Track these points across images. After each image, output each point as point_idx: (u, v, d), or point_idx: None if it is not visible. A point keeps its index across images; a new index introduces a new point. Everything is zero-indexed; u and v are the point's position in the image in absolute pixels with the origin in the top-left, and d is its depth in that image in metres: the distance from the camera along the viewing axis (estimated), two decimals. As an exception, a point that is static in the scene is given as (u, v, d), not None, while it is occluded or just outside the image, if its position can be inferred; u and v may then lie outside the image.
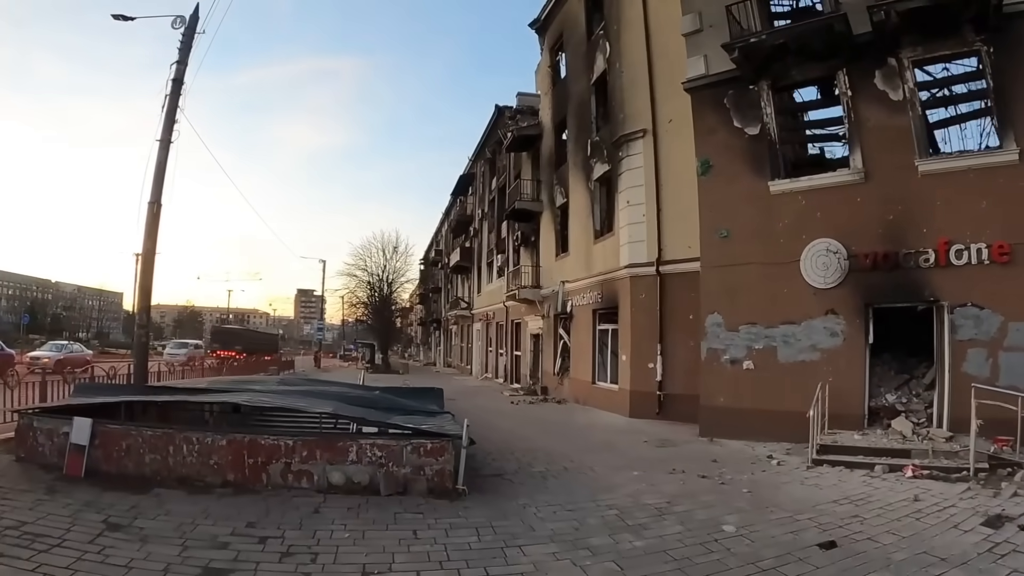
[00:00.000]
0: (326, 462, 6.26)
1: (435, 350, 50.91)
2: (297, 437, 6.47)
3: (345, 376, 31.98)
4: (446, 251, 45.67)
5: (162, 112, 11.47)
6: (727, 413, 10.37)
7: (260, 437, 6.45)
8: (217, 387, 10.57)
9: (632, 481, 7.16)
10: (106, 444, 6.46)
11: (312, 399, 8.07)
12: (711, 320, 10.68)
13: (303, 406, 7.53)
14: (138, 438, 6.48)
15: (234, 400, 7.79)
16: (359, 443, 6.36)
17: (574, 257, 17.30)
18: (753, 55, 10.06)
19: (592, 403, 15.40)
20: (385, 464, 6.27)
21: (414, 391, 10.63)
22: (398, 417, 7.58)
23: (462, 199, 37.22)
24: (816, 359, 9.83)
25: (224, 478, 6.24)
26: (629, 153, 13.59)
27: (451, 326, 41.67)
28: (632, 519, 5.57)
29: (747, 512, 5.84)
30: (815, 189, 10.12)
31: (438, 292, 49.80)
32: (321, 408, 7.45)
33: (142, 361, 12.10)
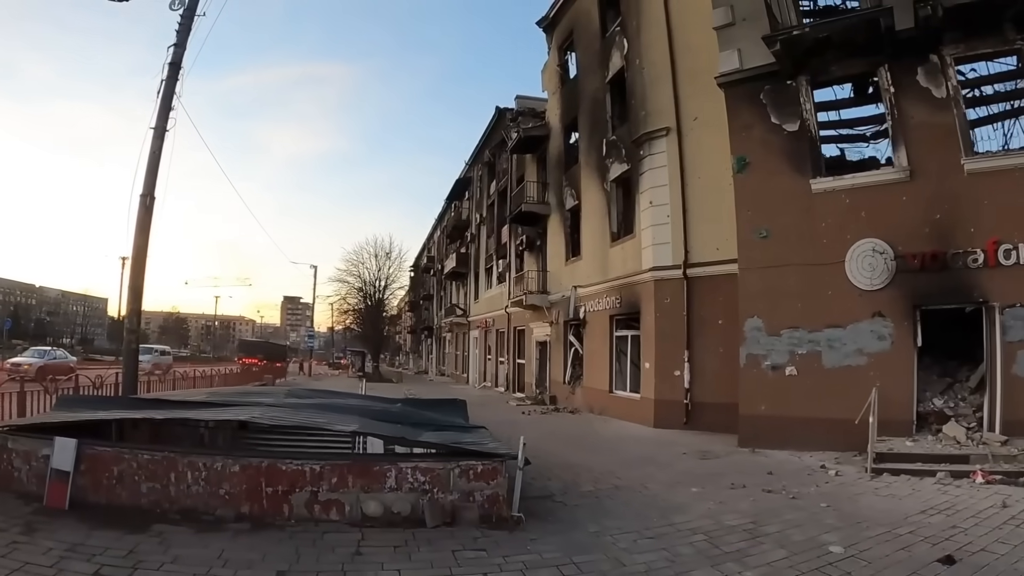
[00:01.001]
0: (360, 489, 5.34)
1: (427, 358, 49.85)
2: (324, 460, 5.47)
3: (340, 385, 30.90)
4: (439, 257, 44.85)
5: (157, 98, 10.55)
6: (768, 422, 9.75)
7: (280, 461, 5.45)
8: (219, 400, 9.28)
9: (697, 499, 6.52)
10: (94, 470, 5.44)
11: (331, 414, 7.11)
12: (750, 324, 10.01)
13: (324, 423, 6.54)
14: (132, 463, 5.44)
15: (245, 417, 6.67)
16: (399, 467, 5.42)
17: (587, 261, 16.55)
18: (794, 48, 9.53)
19: (610, 413, 14.62)
20: (429, 491, 5.39)
21: (435, 403, 9.71)
22: (429, 434, 6.71)
23: (457, 204, 36.45)
24: (863, 364, 9.29)
25: (238, 510, 5.27)
26: (651, 152, 12.91)
27: (445, 334, 40.74)
28: (726, 545, 4.92)
29: (842, 529, 5.35)
30: (859, 188, 9.62)
31: (430, 299, 48.90)
32: (346, 425, 6.47)
33: (131, 370, 11.04)
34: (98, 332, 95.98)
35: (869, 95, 10.23)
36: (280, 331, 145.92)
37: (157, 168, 10.82)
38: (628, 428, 12.80)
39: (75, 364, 25.68)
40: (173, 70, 10.55)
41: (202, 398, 9.18)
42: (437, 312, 44.92)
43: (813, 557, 4.62)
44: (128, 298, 11.42)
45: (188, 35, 10.51)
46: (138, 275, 11.14)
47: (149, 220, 10.93)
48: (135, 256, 11.08)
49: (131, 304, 11.27)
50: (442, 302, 42.74)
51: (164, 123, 10.70)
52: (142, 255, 11.03)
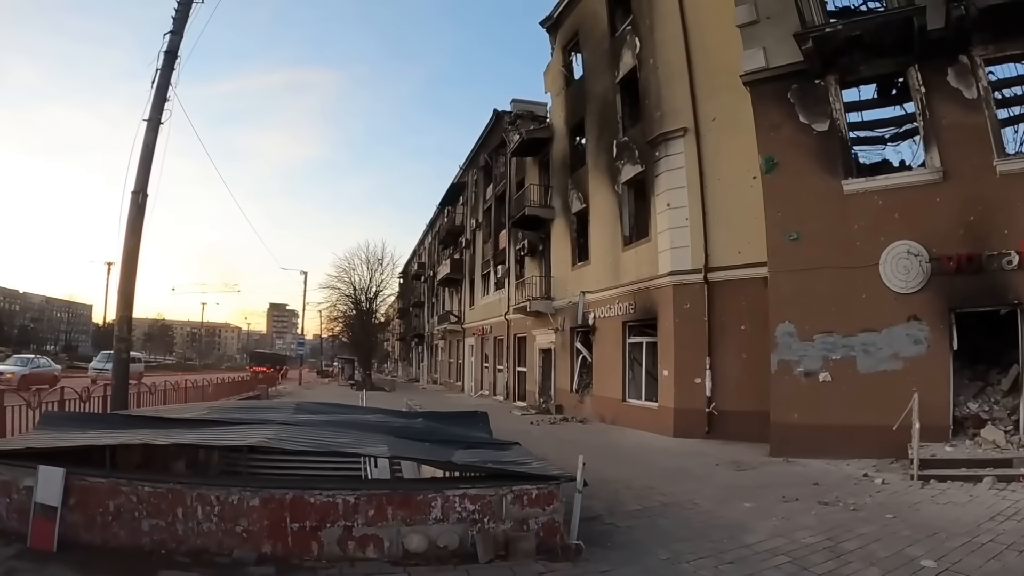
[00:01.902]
0: (401, 522, 4.79)
1: (418, 366, 49.16)
2: (360, 490, 4.91)
3: (333, 393, 30.26)
4: (430, 263, 44.35)
5: (152, 88, 10.03)
6: (801, 430, 9.54)
7: (308, 493, 4.83)
8: (222, 416, 8.21)
9: (755, 515, 6.25)
10: (86, 504, 4.74)
11: (353, 433, 6.55)
12: (782, 329, 9.79)
13: (352, 445, 5.96)
14: (132, 496, 4.73)
15: (257, 440, 5.75)
16: (445, 495, 4.92)
17: (596, 266, 16.23)
18: (825, 46, 9.43)
19: (623, 422, 14.29)
20: (479, 520, 4.90)
21: (456, 416, 9.24)
22: (462, 452, 6.22)
23: (450, 209, 36.02)
24: (899, 369, 9.16)
25: (259, 551, 4.67)
26: (668, 153, 12.66)
27: (437, 341, 40.17)
28: (815, 567, 4.67)
29: (922, 541, 5.19)
30: (892, 189, 9.53)
31: (421, 306, 48.35)
32: (375, 448, 5.87)
33: (122, 381, 10.53)
34: (82, 339, 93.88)
35: (896, 95, 10.18)
36: (266, 338, 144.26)
37: (151, 163, 10.32)
38: (647, 438, 12.45)
39: (60, 373, 24.63)
40: (169, 59, 10.10)
41: (202, 414, 8.42)
42: (429, 319, 44.33)
43: (909, 574, 4.45)
44: (118, 304, 10.77)
45: (185, 22, 10.12)
46: (129, 279, 10.62)
47: (141, 219, 10.39)
48: (125, 258, 10.53)
49: (121, 310, 10.63)
50: (434, 309, 42.18)
51: (159, 114, 10.24)
52: (133, 257, 10.50)
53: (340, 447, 5.98)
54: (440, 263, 37.56)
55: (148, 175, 10.26)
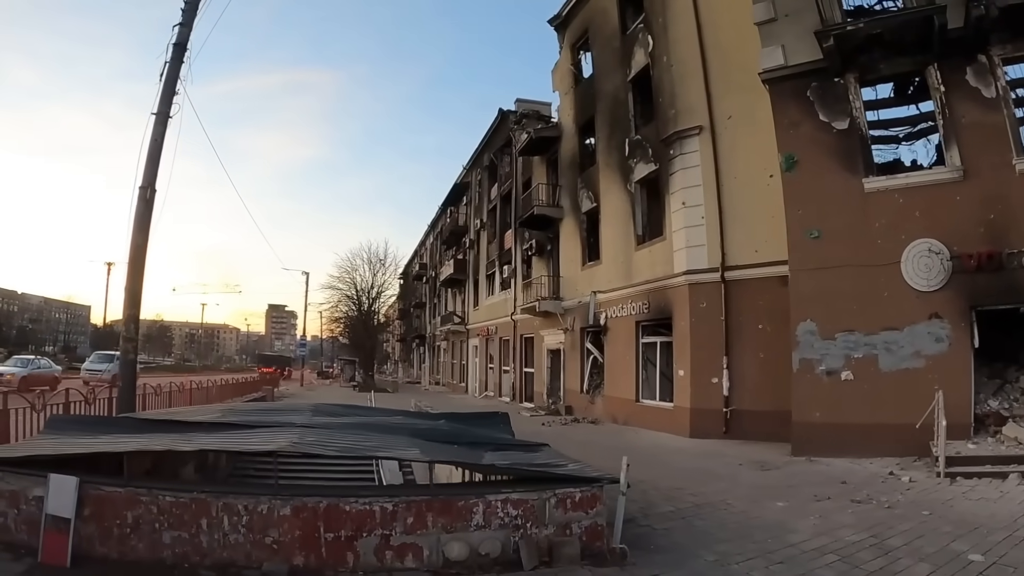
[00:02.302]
0: (441, 529, 4.67)
1: (419, 367, 49.10)
2: (398, 497, 4.77)
3: (337, 395, 30.16)
4: (432, 264, 44.33)
5: (160, 81, 9.89)
6: (823, 429, 9.58)
7: (343, 500, 4.65)
8: (239, 419, 7.70)
9: (792, 514, 6.27)
10: (102, 515, 4.47)
11: (381, 436, 6.46)
12: (803, 328, 9.84)
13: (381, 448, 5.81)
14: (152, 507, 4.48)
15: (286, 445, 5.35)
16: (487, 500, 4.79)
17: (608, 265, 16.22)
18: (846, 44, 9.51)
19: (636, 423, 14.27)
20: (522, 526, 4.79)
21: (477, 418, 9.21)
22: (492, 454, 6.17)
23: (453, 210, 35.95)
24: (920, 367, 9.23)
25: (290, 563, 4.47)
26: (683, 151, 12.66)
27: (440, 342, 40.14)
28: (865, 564, 4.71)
29: (964, 536, 5.30)
30: (912, 187, 9.62)
31: (422, 307, 48.29)
32: (408, 452, 5.69)
33: (129, 383, 10.25)
34: (80, 340, 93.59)
35: (914, 94, 10.26)
36: (265, 340, 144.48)
37: (159, 157, 10.16)
38: (663, 439, 12.44)
39: (60, 374, 24.43)
40: (178, 51, 9.99)
41: (216, 416, 8.14)
42: (431, 320, 44.29)
43: (959, 569, 4.50)
44: (124, 302, 10.55)
45: (195, 15, 9.98)
46: (136, 277, 10.30)
47: (149, 215, 10.18)
48: (133, 256, 10.24)
49: (128, 309, 10.41)
50: (436, 310, 42.14)
51: (167, 108, 10.09)
52: (141, 254, 10.23)
53: (372, 451, 5.91)
54: (443, 264, 37.51)
55: (156, 170, 10.10)
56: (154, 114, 10.17)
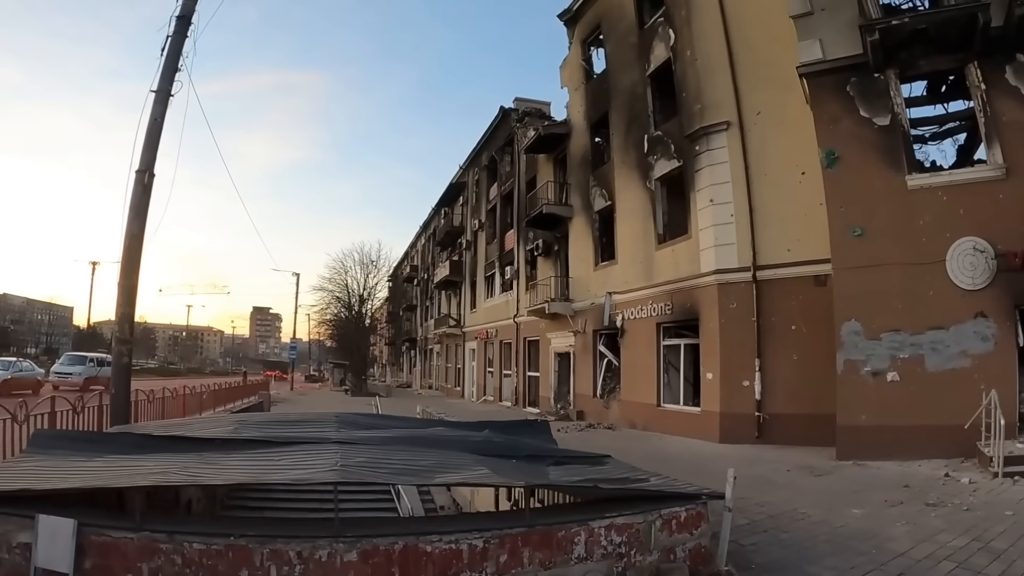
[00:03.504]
0: (539, 566, 4.06)
1: (410, 371, 48.59)
2: (489, 531, 4.03)
3: (329, 400, 29.68)
4: (424, 266, 43.94)
5: (161, 56, 9.44)
6: (869, 432, 9.57)
7: (423, 541, 3.89)
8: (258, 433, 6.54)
9: (876, 521, 6.15)
10: (109, 570, 3.52)
11: (431, 452, 5.87)
12: (848, 328, 9.81)
13: (446, 470, 4.98)
14: (175, 557, 3.56)
15: (350, 473, 4.48)
16: (590, 528, 4.25)
17: (625, 265, 16.11)
18: (890, 39, 9.52)
19: (658, 428, 14.14)
20: (627, 554, 4.30)
21: (514, 427, 8.91)
22: (557, 470, 5.82)
23: (448, 210, 35.61)
24: (966, 366, 9.25)
25: None
26: (710, 147, 12.60)
27: (433, 345, 39.71)
28: (986, 569, 4.61)
29: None
30: (955, 185, 9.66)
31: (413, 310, 47.87)
32: (474, 471, 4.95)
33: (123, 390, 9.59)
34: (63, 342, 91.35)
35: (952, 92, 10.42)
36: (249, 343, 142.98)
37: (158, 139, 9.63)
38: (693, 445, 12.31)
39: (43, 378, 23.47)
40: (181, 24, 9.55)
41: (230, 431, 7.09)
42: (422, 323, 43.90)
43: None
44: (118, 299, 9.72)
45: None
46: (131, 271, 9.66)
47: (147, 201, 9.59)
48: (128, 246, 9.62)
49: (122, 306, 9.61)
50: (428, 312, 41.76)
51: (168, 85, 9.61)
52: (137, 245, 9.62)
53: (438, 472, 5.04)
54: (437, 265, 37.17)
55: (155, 152, 9.57)
56: (153, 91, 9.59)
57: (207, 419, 9.30)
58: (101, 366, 26.43)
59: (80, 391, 18.45)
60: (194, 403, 15.50)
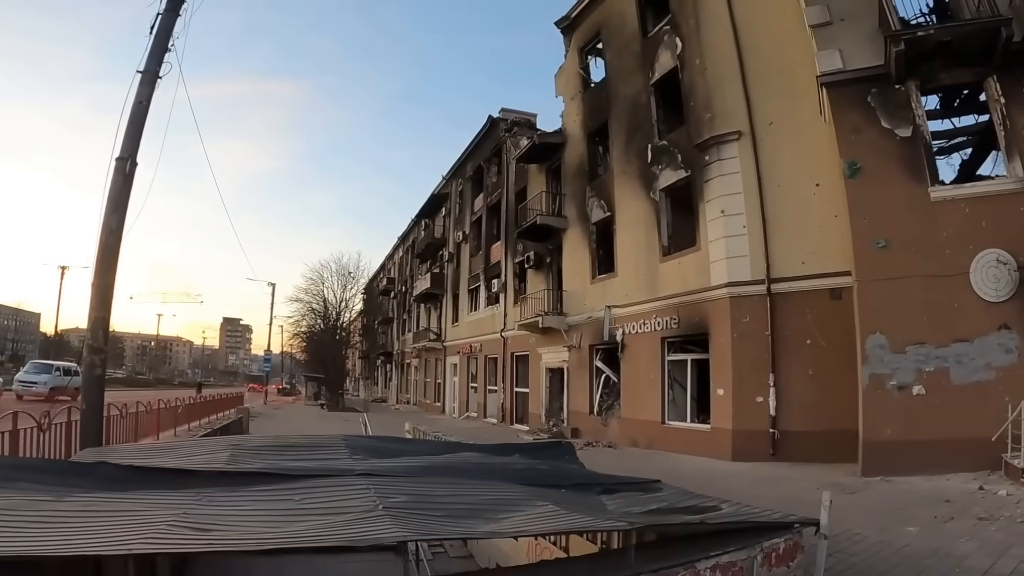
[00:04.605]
0: None
1: (386, 385, 47.48)
2: None
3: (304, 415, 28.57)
4: (402, 278, 43.14)
5: (150, 35, 8.82)
6: (894, 447, 9.45)
7: None
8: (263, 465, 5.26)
9: (938, 539, 5.99)
10: None
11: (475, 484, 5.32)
12: (873, 341, 9.74)
13: (514, 506, 4.21)
14: None
15: (401, 527, 3.47)
16: (695, 569, 3.87)
17: (625, 278, 15.85)
18: (913, 51, 9.55)
19: (663, 446, 13.81)
20: None
21: (537, 449, 8.40)
22: (612, 500, 5.37)
23: (429, 222, 35.02)
24: (991, 378, 9.23)
25: None
26: (720, 157, 12.47)
27: (411, 359, 38.81)
28: None
29: None
30: (978, 197, 9.73)
31: (389, 323, 46.88)
32: (536, 507, 4.16)
33: (95, 405, 8.70)
34: (29, 349, 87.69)
35: (972, 104, 10.58)
36: (219, 354, 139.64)
37: (143, 123, 8.93)
38: (704, 463, 11.98)
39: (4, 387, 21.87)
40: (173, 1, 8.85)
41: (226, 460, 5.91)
42: (399, 336, 42.99)
43: None
44: (92, 301, 8.81)
45: None
46: (107, 270, 8.81)
47: (128, 192, 8.84)
48: (105, 242, 8.77)
49: (96, 310, 8.72)
50: (406, 326, 40.95)
51: (157, 66, 8.95)
52: (115, 240, 8.80)
53: (504, 508, 4.62)
54: (416, 278, 36.47)
55: (139, 138, 8.88)
56: (140, 72, 8.89)
57: (193, 443, 8.31)
58: (68, 375, 25.42)
59: (46, 401, 17.09)
60: (169, 419, 14.59)
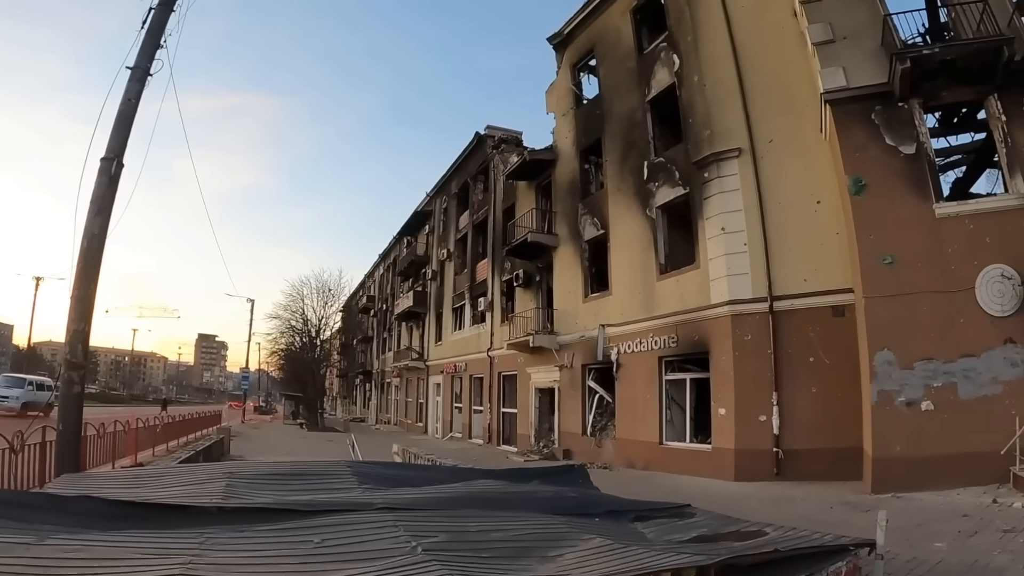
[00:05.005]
0: None
1: (365, 405, 46.44)
2: None
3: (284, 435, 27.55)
4: (382, 296, 42.47)
5: (142, 30, 8.49)
6: (904, 463, 9.37)
7: None
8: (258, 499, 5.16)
9: (972, 554, 5.92)
10: None
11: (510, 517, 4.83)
12: (881, 358, 9.72)
13: (567, 547, 3.96)
14: None
15: None
16: None
17: (620, 296, 15.66)
18: (919, 68, 9.65)
19: (661, 467, 13.52)
20: None
21: (549, 473, 8.07)
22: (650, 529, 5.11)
23: (411, 239, 34.56)
24: (998, 393, 9.25)
25: None
26: (720, 174, 12.44)
27: (392, 379, 38.03)
28: None
29: None
30: (982, 213, 9.80)
31: (368, 341, 46.00)
32: (591, 541, 4.06)
33: (72, 425, 8.19)
34: (1, 362, 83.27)
35: (972, 122, 10.84)
36: (194, 370, 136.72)
37: (131, 122, 8.67)
38: (706, 484, 11.71)
39: None
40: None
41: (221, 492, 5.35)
42: (379, 355, 42.14)
43: None
44: (71, 312, 8.35)
45: None
46: (89, 278, 8.36)
47: (112, 196, 8.50)
48: (86, 249, 8.35)
49: (75, 322, 8.27)
50: (386, 344, 40.19)
51: (148, 62, 8.75)
52: (97, 247, 8.40)
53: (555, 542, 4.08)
54: (398, 296, 35.87)
55: (126, 138, 8.60)
56: (129, 68, 8.59)
57: (181, 470, 7.66)
58: (42, 390, 24.69)
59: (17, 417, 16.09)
60: (148, 439, 13.90)
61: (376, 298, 44.06)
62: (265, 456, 15.63)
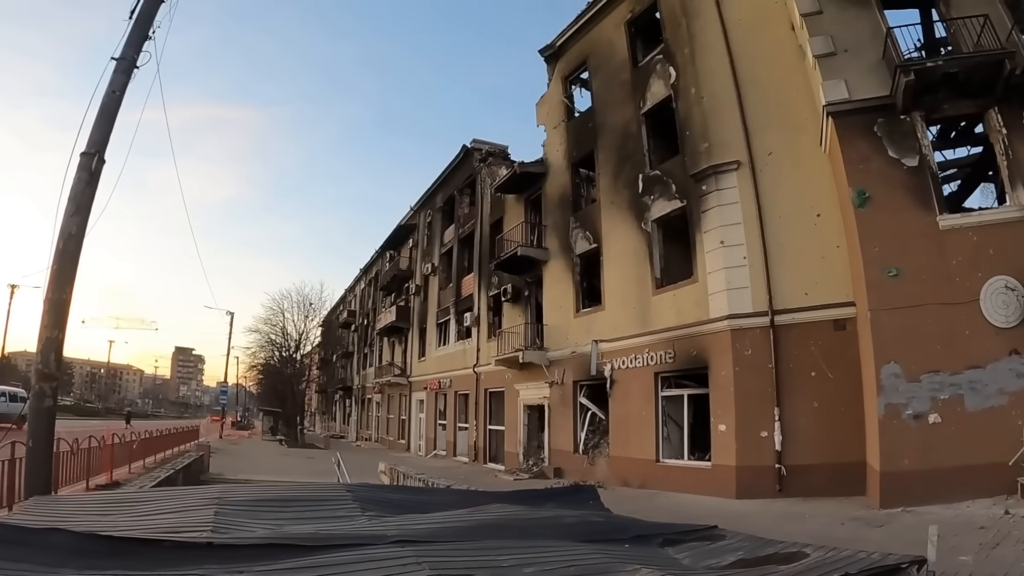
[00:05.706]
0: None
1: (346, 421, 45.37)
2: None
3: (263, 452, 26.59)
4: (363, 311, 41.73)
5: (130, 20, 8.21)
6: (912, 477, 9.24)
7: None
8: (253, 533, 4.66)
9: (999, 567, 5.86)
10: None
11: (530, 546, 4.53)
12: (888, 371, 9.62)
13: None
14: None
15: None
16: None
17: (614, 311, 15.41)
18: (922, 80, 9.65)
19: (658, 486, 13.22)
20: None
21: (559, 495, 7.69)
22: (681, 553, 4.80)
23: (394, 253, 34.04)
24: (1004, 404, 9.19)
25: None
26: (719, 187, 12.33)
27: (373, 395, 37.21)
28: None
29: None
30: (985, 225, 9.81)
31: (348, 356, 45.11)
32: None
33: (44, 442, 7.60)
34: None
35: (973, 135, 10.90)
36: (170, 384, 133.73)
37: (115, 115, 8.27)
38: (708, 502, 11.43)
39: None
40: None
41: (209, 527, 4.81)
42: (360, 370, 41.29)
43: None
44: (44, 320, 7.76)
45: None
46: (64, 281, 7.81)
47: (92, 193, 8.06)
48: (62, 250, 7.82)
49: (48, 328, 7.69)
50: (368, 360, 39.37)
51: (135, 53, 8.38)
52: (74, 248, 7.90)
53: None
54: (380, 311, 35.23)
55: (109, 132, 8.18)
56: (115, 59, 8.24)
57: (163, 495, 7.05)
58: (14, 401, 24.06)
59: None
60: (124, 455, 13.22)
61: (357, 313, 43.32)
62: (248, 474, 14.97)
